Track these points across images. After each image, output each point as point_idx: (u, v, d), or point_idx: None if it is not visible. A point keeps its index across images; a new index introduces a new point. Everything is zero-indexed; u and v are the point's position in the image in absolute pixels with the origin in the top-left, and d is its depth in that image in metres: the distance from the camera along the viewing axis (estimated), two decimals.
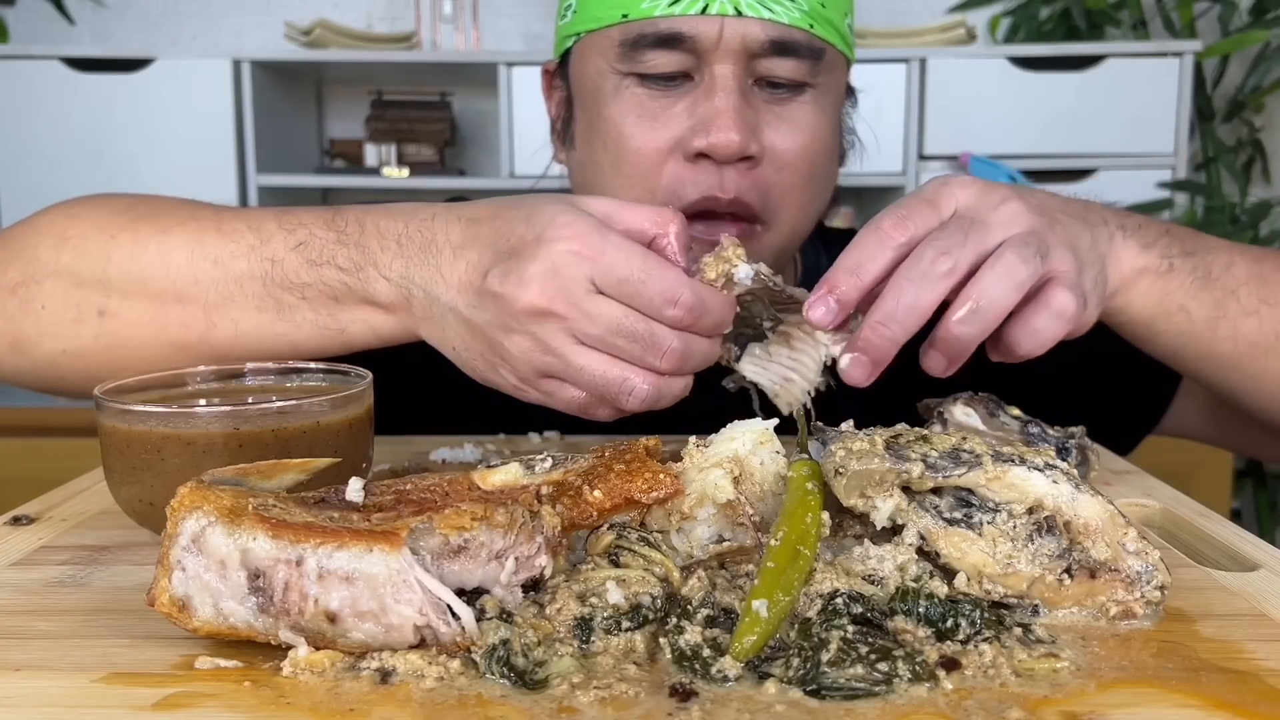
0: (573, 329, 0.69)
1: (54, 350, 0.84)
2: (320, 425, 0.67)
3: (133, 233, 0.83)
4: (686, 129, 0.91)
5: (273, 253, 0.80)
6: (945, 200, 0.72)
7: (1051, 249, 0.71)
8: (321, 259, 0.79)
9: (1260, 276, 0.82)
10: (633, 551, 0.56)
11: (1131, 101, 2.67)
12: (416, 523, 0.50)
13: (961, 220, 0.71)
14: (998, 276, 0.68)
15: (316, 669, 0.49)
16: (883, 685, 0.47)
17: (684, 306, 0.68)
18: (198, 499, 0.51)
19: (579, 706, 0.46)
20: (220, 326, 0.81)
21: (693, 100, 0.92)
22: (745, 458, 0.60)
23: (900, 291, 0.68)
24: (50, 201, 0.90)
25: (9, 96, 2.71)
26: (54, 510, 0.76)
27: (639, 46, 0.91)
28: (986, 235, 0.70)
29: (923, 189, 0.74)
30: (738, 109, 0.89)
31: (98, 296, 0.82)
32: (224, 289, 0.80)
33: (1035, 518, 0.56)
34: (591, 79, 0.97)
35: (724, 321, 0.72)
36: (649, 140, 0.93)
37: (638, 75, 0.93)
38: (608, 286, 0.68)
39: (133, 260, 0.82)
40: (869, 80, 2.68)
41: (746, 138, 0.89)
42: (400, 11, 3.17)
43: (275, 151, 2.87)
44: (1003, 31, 3.05)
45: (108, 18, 3.13)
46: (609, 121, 0.94)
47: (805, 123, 0.94)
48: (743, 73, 0.91)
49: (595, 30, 0.95)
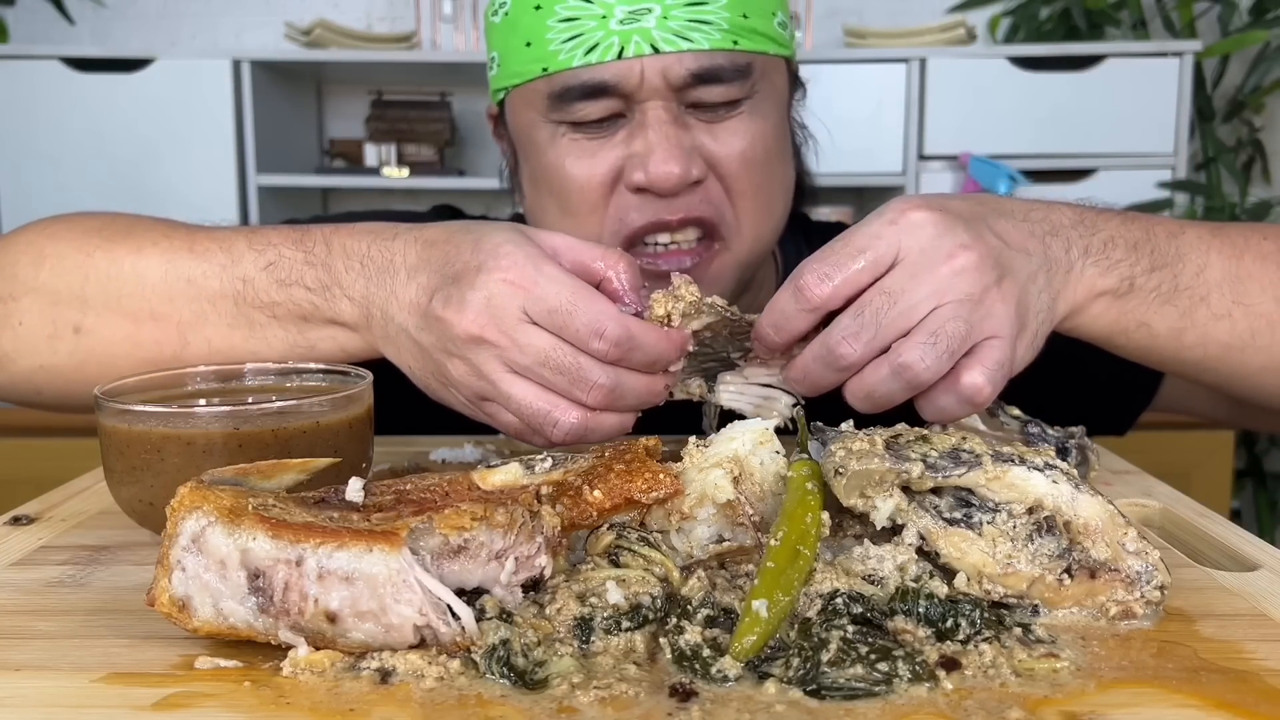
0: (504, 357, 0.70)
1: (31, 366, 0.85)
2: (320, 425, 0.67)
3: (108, 251, 0.85)
4: (625, 160, 0.93)
5: (244, 272, 0.81)
6: (886, 247, 0.68)
7: (989, 314, 0.68)
8: (290, 279, 0.80)
9: (1236, 275, 0.80)
10: (633, 551, 0.56)
11: (1131, 101, 2.67)
12: (416, 523, 0.50)
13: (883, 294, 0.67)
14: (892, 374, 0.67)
15: (316, 669, 0.49)
16: (883, 685, 0.47)
17: (609, 340, 0.67)
18: (198, 499, 0.51)
19: (579, 706, 0.46)
20: (194, 344, 0.82)
21: (628, 134, 0.93)
22: (745, 458, 0.60)
23: (806, 368, 0.69)
24: (50, 202, 0.91)
25: (9, 96, 2.71)
26: (54, 510, 0.76)
27: (566, 99, 0.92)
28: (908, 314, 0.67)
29: (873, 222, 0.70)
30: (672, 139, 0.90)
31: (74, 313, 0.83)
32: (197, 307, 0.82)
33: (1035, 518, 0.56)
34: (525, 130, 0.98)
35: (662, 358, 0.70)
36: (590, 178, 0.94)
37: (570, 123, 0.94)
38: (539, 317, 0.69)
39: (109, 278, 0.83)
40: (869, 80, 2.71)
41: (686, 166, 0.90)
42: (400, 11, 3.17)
43: (275, 151, 2.87)
44: (1003, 31, 3.06)
45: (108, 18, 3.13)
46: (549, 169, 0.96)
47: (744, 132, 0.94)
48: (673, 104, 0.92)
49: (520, 85, 0.96)
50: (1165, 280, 0.78)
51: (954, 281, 0.67)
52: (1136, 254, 0.77)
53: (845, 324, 0.67)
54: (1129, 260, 0.77)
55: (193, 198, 2.76)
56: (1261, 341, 0.80)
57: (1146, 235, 0.78)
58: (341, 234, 0.81)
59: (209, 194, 2.77)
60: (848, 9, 3.09)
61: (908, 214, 0.68)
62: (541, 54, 0.92)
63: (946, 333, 0.66)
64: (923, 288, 0.67)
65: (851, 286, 0.67)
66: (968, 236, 0.68)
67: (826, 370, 0.69)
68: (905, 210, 0.69)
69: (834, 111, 2.68)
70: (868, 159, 2.70)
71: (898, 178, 2.72)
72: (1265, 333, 0.80)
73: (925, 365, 0.66)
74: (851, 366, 0.68)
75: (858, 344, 0.66)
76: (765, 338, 0.71)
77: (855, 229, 0.69)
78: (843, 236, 0.69)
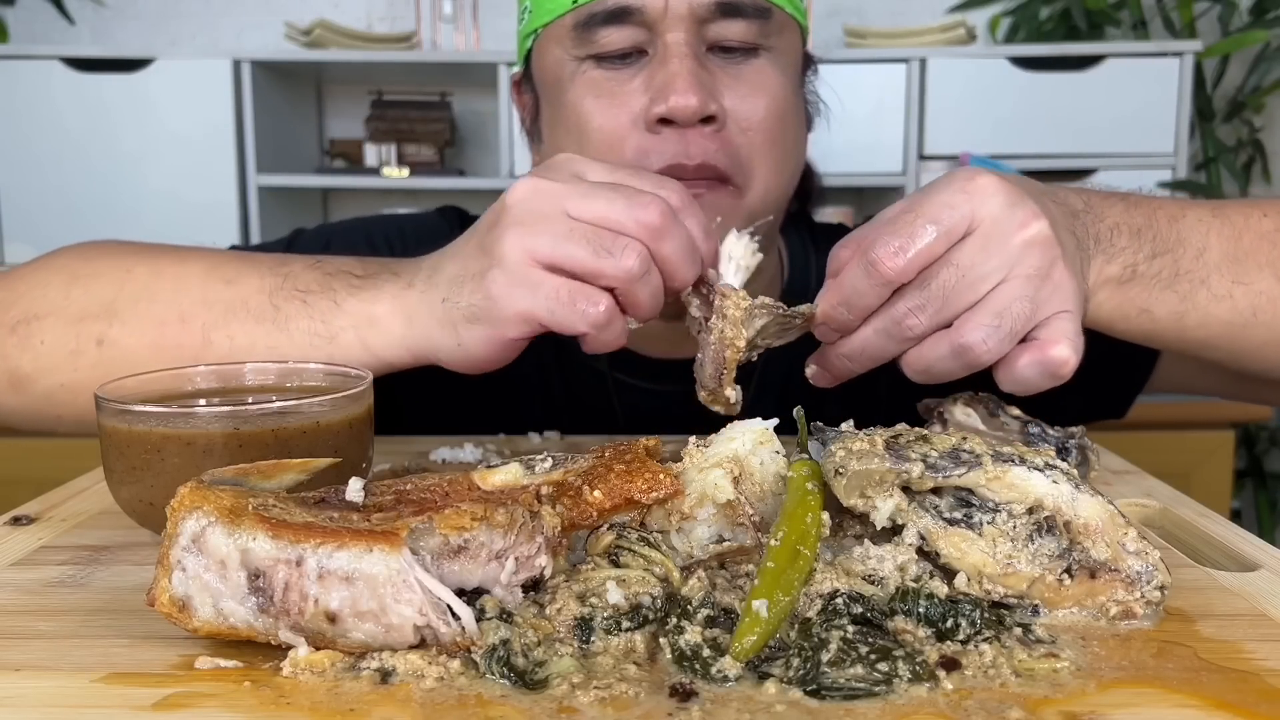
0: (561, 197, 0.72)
1: (52, 385, 0.84)
2: (320, 425, 0.67)
3: (151, 264, 0.85)
4: (645, 101, 0.93)
5: (290, 270, 0.83)
6: (959, 216, 0.67)
7: (1056, 289, 0.68)
8: (338, 270, 0.82)
9: (1235, 256, 0.81)
10: (633, 551, 0.56)
11: (1131, 101, 2.67)
12: (416, 523, 0.49)
13: (952, 267, 0.67)
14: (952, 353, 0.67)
15: (316, 669, 0.49)
16: (883, 685, 0.47)
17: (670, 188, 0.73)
18: (198, 499, 0.51)
19: (579, 706, 0.46)
20: (216, 344, 0.82)
21: (649, 73, 0.93)
22: (745, 458, 0.60)
23: (866, 340, 0.70)
24: (50, 202, 0.92)
25: (9, 96, 2.71)
26: (54, 510, 0.76)
27: (590, 26, 0.93)
28: (976, 286, 0.67)
29: (942, 190, 0.69)
30: (693, 72, 0.90)
31: (100, 326, 0.83)
32: (229, 306, 0.82)
33: (1035, 518, 0.55)
34: (552, 70, 0.99)
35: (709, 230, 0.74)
36: (609, 118, 0.94)
37: (594, 58, 0.94)
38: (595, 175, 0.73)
39: (144, 288, 0.84)
40: (869, 80, 2.71)
41: (704, 98, 0.90)
42: (400, 11, 3.17)
43: (275, 151, 2.87)
44: (1003, 31, 3.06)
45: (108, 18, 3.13)
46: (570, 106, 0.96)
47: (763, 83, 0.95)
48: (694, 39, 0.92)
49: (550, 22, 0.97)
50: (1166, 266, 0.78)
51: (1025, 254, 0.67)
52: (1139, 241, 0.78)
53: (912, 296, 0.67)
54: (1132, 248, 0.77)
55: (193, 198, 2.76)
56: (1263, 318, 0.81)
57: (1149, 221, 0.79)
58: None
59: (209, 194, 2.77)
60: (848, 9, 3.09)
61: (976, 180, 0.68)
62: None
63: (1012, 314, 0.66)
64: (993, 259, 0.67)
65: (925, 259, 0.67)
66: (1036, 206, 0.69)
67: (889, 342, 0.69)
68: (973, 177, 0.68)
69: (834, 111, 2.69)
70: (868, 159, 2.70)
71: (898, 178, 2.72)
72: (1266, 309, 0.81)
73: (987, 348, 0.66)
74: (916, 339, 0.68)
75: (924, 317, 0.67)
76: (836, 317, 0.71)
77: (923, 196, 0.69)
78: (910, 205, 0.69)
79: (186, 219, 2.73)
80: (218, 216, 2.76)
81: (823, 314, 0.71)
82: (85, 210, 2.69)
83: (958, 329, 0.67)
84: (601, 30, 0.93)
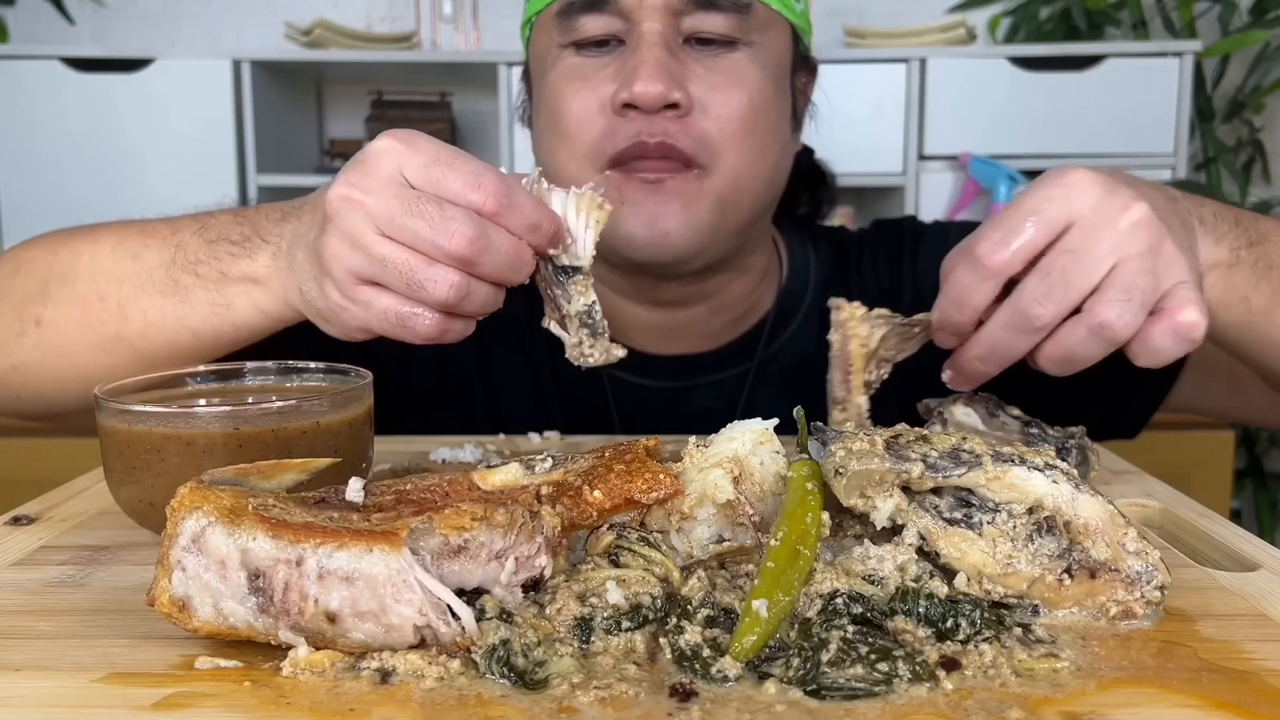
0: (372, 215, 0.68)
1: (5, 366, 0.89)
2: (320, 425, 0.67)
3: (70, 245, 0.89)
4: (614, 87, 0.94)
5: (180, 239, 0.84)
6: (1059, 209, 0.69)
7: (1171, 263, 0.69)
8: (218, 237, 0.83)
9: None
10: (633, 551, 0.56)
11: (1131, 101, 2.67)
12: (416, 523, 0.49)
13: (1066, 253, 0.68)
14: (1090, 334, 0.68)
15: (316, 669, 0.49)
16: (883, 685, 0.47)
17: (488, 190, 0.66)
18: (198, 499, 0.51)
19: (579, 706, 0.46)
20: (132, 319, 0.84)
21: (621, 59, 0.95)
22: (745, 458, 0.60)
23: (995, 338, 0.70)
24: (50, 202, 0.96)
25: (9, 96, 2.70)
26: (54, 510, 0.76)
27: (571, 14, 0.96)
28: (1094, 269, 0.68)
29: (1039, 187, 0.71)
30: (660, 60, 0.91)
31: (37, 308, 0.87)
32: (138, 280, 0.84)
33: (1035, 518, 0.55)
34: (539, 57, 1.02)
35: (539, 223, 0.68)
36: (580, 102, 0.96)
37: (574, 45, 0.97)
38: (415, 175, 0.67)
39: (68, 269, 0.87)
40: (869, 80, 2.71)
41: (669, 86, 0.91)
42: (400, 11, 3.17)
43: (275, 151, 2.87)
44: (1003, 31, 3.06)
45: (108, 18, 3.13)
46: (549, 89, 0.99)
47: (738, 75, 0.95)
48: (670, 30, 0.93)
49: (540, 10, 1.00)
50: (1261, 257, 0.80)
51: (1132, 235, 0.68)
52: (1238, 228, 0.80)
53: (1033, 285, 0.68)
54: (1234, 234, 0.79)
55: (193, 198, 2.73)
56: None
57: (1237, 215, 0.81)
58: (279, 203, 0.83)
59: (209, 194, 2.76)
60: (848, 9, 3.09)
61: (1070, 174, 0.70)
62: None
63: (1140, 286, 0.67)
64: (1104, 243, 0.68)
65: (1030, 250, 0.68)
66: (1133, 191, 0.70)
67: (1019, 336, 0.69)
68: (1066, 172, 0.70)
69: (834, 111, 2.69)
70: (868, 159, 2.70)
71: (898, 178, 2.72)
72: None
73: (1124, 322, 0.67)
74: (1045, 328, 0.69)
75: (1050, 304, 0.68)
76: (950, 319, 0.71)
77: (1021, 197, 0.71)
78: (1010, 205, 0.71)
79: None
80: None
81: (938, 318, 0.72)
82: (85, 210, 2.66)
83: (1090, 309, 0.68)
84: (581, 18, 0.95)
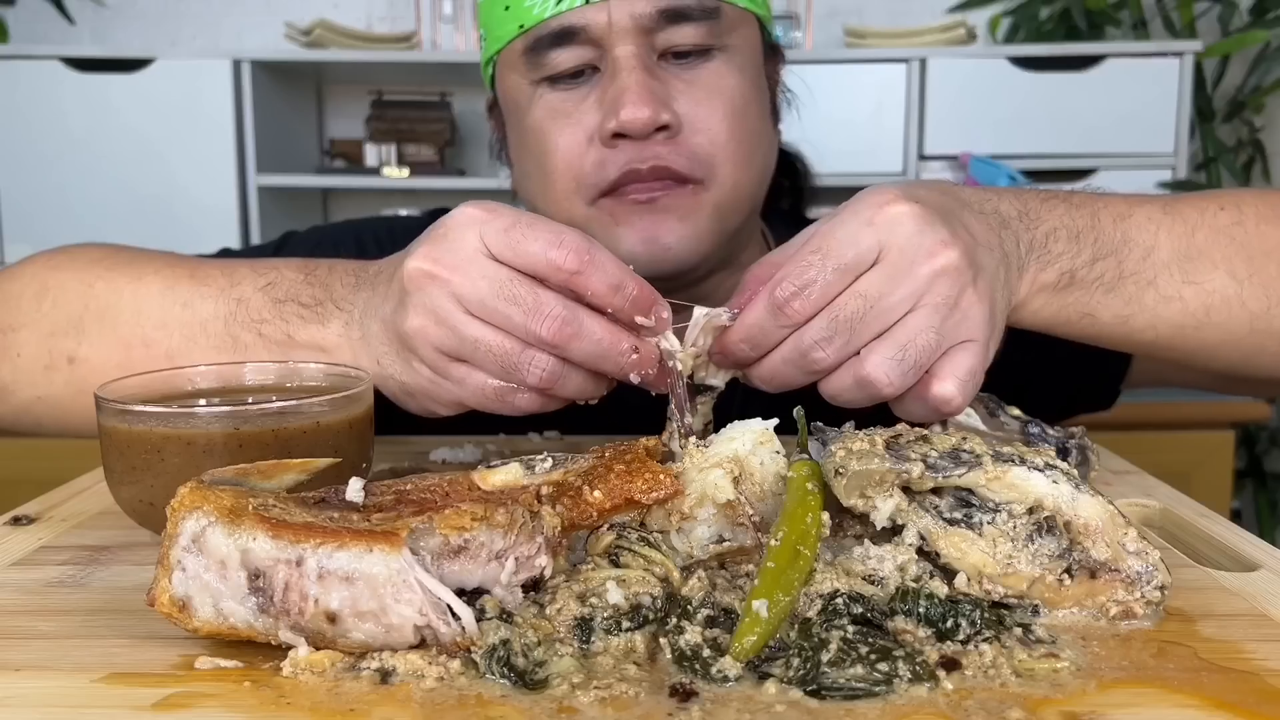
0: (457, 293, 0.67)
1: (29, 397, 0.86)
2: (320, 425, 0.67)
3: (109, 281, 0.85)
4: (599, 117, 0.92)
5: (241, 293, 0.81)
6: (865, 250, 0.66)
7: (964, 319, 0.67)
8: (286, 296, 0.80)
9: (1186, 254, 0.78)
10: (633, 551, 0.56)
11: (1131, 101, 2.67)
12: (416, 523, 0.50)
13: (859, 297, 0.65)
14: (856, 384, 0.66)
15: (316, 669, 0.49)
16: (883, 685, 0.47)
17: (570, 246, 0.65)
18: (198, 499, 0.51)
19: (579, 706, 0.46)
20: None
21: (601, 89, 0.92)
22: (745, 458, 0.60)
23: (776, 370, 0.69)
24: (50, 202, 0.92)
25: (9, 96, 2.71)
26: (54, 510, 0.76)
27: (539, 50, 0.93)
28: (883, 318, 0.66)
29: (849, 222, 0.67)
30: (642, 83, 0.89)
31: (70, 344, 0.84)
32: (188, 331, 0.81)
33: (1035, 518, 0.55)
34: (511, 96, 0.99)
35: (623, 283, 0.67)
36: (566, 138, 0.93)
37: (548, 81, 0.94)
38: (495, 245, 0.67)
39: (106, 306, 0.84)
40: (869, 80, 2.71)
41: (656, 109, 0.89)
42: (400, 11, 3.17)
43: (275, 151, 2.87)
44: (1003, 31, 3.06)
45: (108, 18, 3.13)
46: (530, 130, 0.96)
47: (718, 86, 0.94)
48: (643, 50, 0.91)
49: (502, 49, 0.97)
50: (1109, 269, 0.77)
51: (932, 285, 0.66)
52: (1078, 244, 0.76)
53: (819, 328, 0.66)
54: (1070, 252, 0.76)
55: (193, 198, 2.76)
56: (1217, 318, 0.79)
57: (1092, 222, 0.77)
58: (350, 261, 0.81)
59: (209, 194, 2.77)
60: (848, 9, 3.09)
61: (885, 209, 0.67)
62: (518, 12, 0.93)
63: (917, 345, 0.65)
64: (901, 289, 0.65)
65: (831, 295, 0.66)
66: (947, 232, 0.67)
67: (797, 373, 0.68)
68: (882, 206, 0.67)
69: (834, 111, 2.70)
70: (868, 159, 2.70)
71: (898, 178, 2.72)
72: (1220, 309, 0.79)
73: (889, 382, 0.66)
74: (823, 371, 0.67)
75: (830, 349, 0.66)
76: (738, 354, 0.69)
77: (831, 229, 0.67)
78: (817, 237, 0.67)
79: (186, 219, 2.73)
80: (218, 217, 2.76)
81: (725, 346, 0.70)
82: (85, 210, 2.69)
83: (862, 361, 0.66)
84: (550, 52, 0.92)
